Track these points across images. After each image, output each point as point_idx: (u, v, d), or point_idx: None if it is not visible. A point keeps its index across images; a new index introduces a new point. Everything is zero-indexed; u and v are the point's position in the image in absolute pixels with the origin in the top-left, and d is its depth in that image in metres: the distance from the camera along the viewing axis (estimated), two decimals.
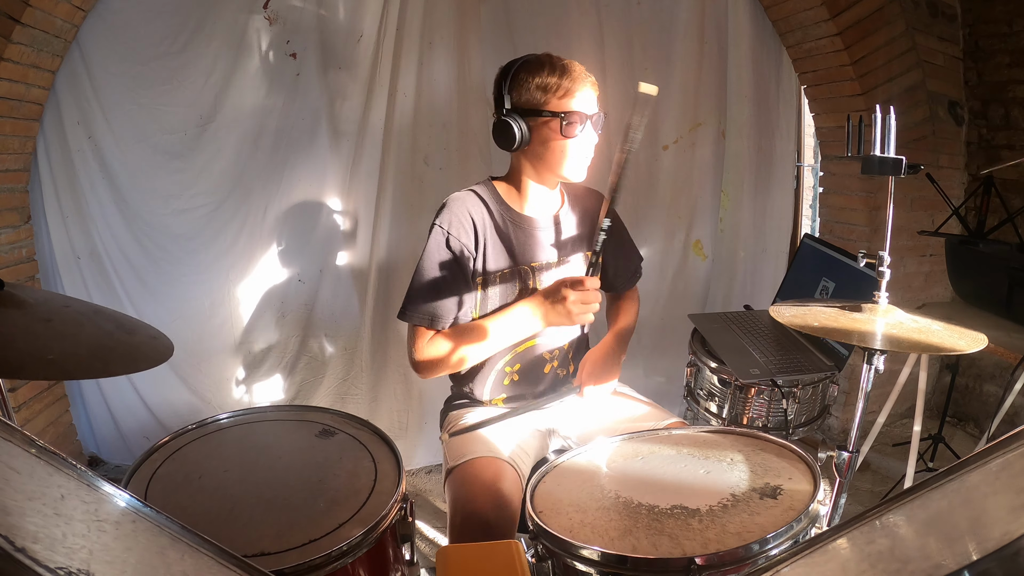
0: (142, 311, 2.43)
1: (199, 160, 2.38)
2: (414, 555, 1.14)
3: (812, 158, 3.20)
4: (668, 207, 2.85)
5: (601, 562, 0.92)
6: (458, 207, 1.48)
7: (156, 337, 1.10)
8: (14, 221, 2.21)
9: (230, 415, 1.35)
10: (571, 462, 1.23)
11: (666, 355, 2.85)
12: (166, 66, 2.26)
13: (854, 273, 1.88)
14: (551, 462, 1.23)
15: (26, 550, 0.35)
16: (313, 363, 2.65)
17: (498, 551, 0.91)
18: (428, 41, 2.44)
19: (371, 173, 2.50)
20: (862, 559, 0.61)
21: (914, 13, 2.54)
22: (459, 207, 1.48)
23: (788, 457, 1.16)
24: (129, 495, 0.57)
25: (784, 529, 0.92)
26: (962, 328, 1.27)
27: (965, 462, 0.63)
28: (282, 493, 1.10)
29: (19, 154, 2.17)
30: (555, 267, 1.57)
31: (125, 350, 1.02)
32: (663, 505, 1.02)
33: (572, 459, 1.24)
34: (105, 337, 1.02)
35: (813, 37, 2.57)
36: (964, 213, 2.37)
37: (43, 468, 0.50)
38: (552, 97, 1.40)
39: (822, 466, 1.14)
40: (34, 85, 2.10)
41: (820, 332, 1.22)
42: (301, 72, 2.40)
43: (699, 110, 2.78)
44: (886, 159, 1.23)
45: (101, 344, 0.99)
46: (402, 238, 2.54)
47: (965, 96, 2.72)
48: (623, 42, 2.64)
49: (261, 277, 2.54)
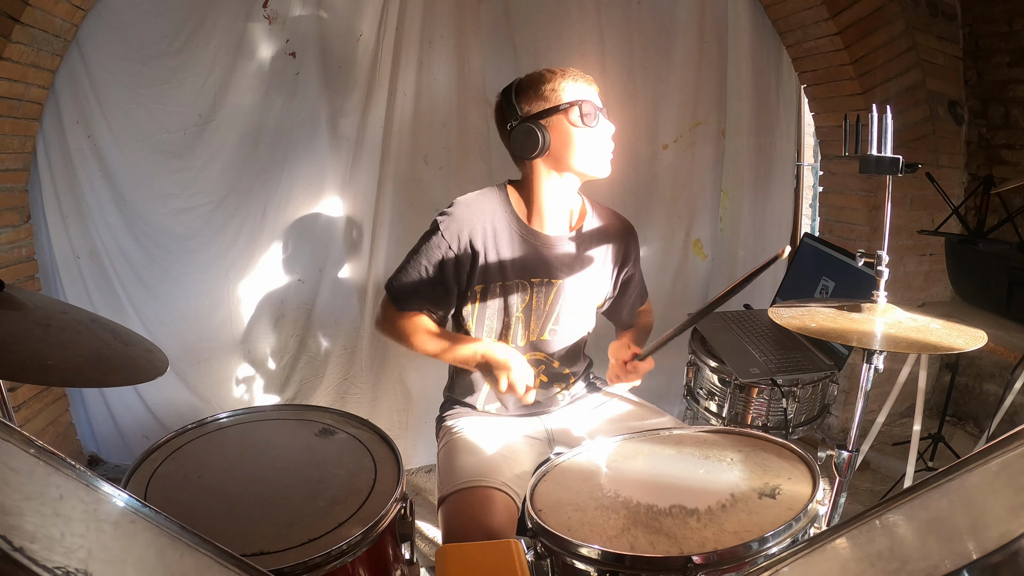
0: (141, 311, 2.43)
1: (199, 159, 2.37)
2: (414, 554, 1.14)
3: (812, 157, 3.20)
4: (668, 206, 2.84)
5: (600, 560, 0.92)
6: (463, 213, 1.48)
7: (151, 350, 1.10)
8: (14, 221, 2.21)
9: (230, 414, 1.35)
10: (571, 461, 1.23)
11: (666, 355, 2.84)
12: (165, 65, 2.26)
13: (854, 272, 1.88)
14: (551, 461, 1.23)
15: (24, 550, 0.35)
16: (313, 362, 2.65)
17: (498, 550, 0.91)
18: (428, 40, 2.43)
19: (371, 172, 2.49)
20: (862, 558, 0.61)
21: (914, 12, 2.54)
22: (465, 213, 1.48)
23: (787, 457, 1.16)
24: (128, 495, 0.57)
25: (782, 528, 0.92)
26: (961, 325, 1.27)
27: (965, 461, 0.63)
28: (282, 492, 1.10)
29: (19, 153, 2.17)
30: (560, 283, 1.53)
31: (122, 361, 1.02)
32: (662, 504, 1.02)
33: (572, 458, 1.24)
34: (103, 347, 1.02)
35: (813, 36, 2.57)
36: (964, 212, 2.37)
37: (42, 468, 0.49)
38: (563, 93, 1.42)
39: (822, 465, 1.14)
40: (34, 84, 2.10)
41: (818, 334, 1.22)
42: (300, 71, 2.40)
43: (699, 109, 2.78)
44: (883, 158, 1.23)
45: (99, 354, 1.00)
46: (402, 237, 2.54)
47: (965, 95, 2.72)
48: (623, 42, 2.63)
49: (261, 276, 2.54)
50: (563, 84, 1.42)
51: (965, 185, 2.79)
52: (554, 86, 1.42)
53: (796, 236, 3.03)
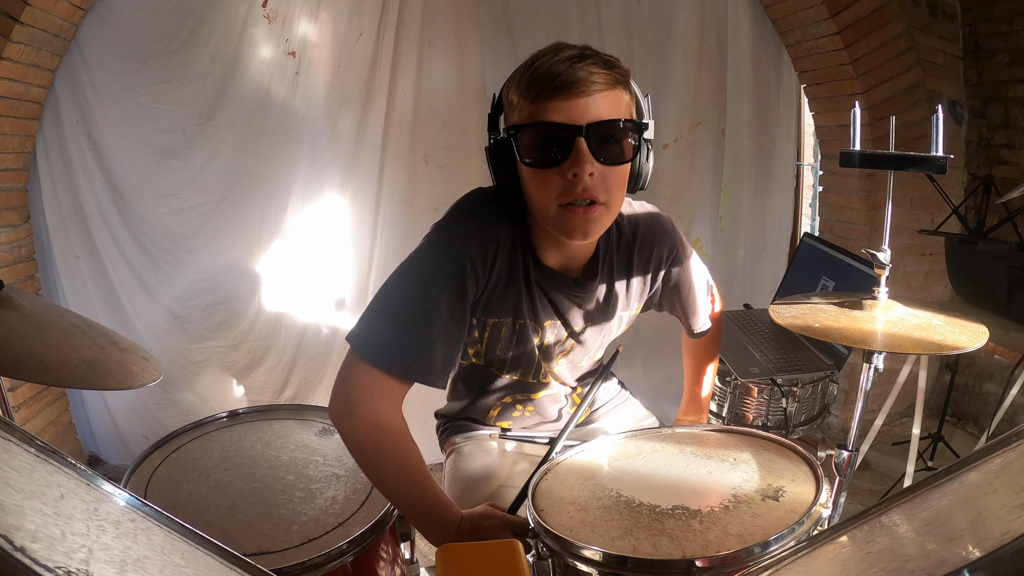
0: (141, 310, 2.43)
1: (198, 159, 2.37)
2: (414, 554, 1.14)
3: (812, 157, 3.20)
4: (668, 206, 2.82)
5: (602, 562, 0.92)
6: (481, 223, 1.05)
7: (146, 358, 1.10)
8: (13, 220, 2.21)
9: (230, 414, 1.35)
10: (573, 460, 1.23)
11: (666, 355, 2.85)
12: (165, 65, 2.26)
13: (854, 272, 1.88)
14: (552, 460, 1.23)
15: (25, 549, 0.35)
16: (313, 362, 2.65)
17: (498, 550, 0.91)
18: (427, 40, 2.43)
19: (370, 171, 2.49)
20: (862, 558, 0.60)
21: (914, 12, 2.54)
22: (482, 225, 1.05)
23: (791, 458, 1.16)
24: (129, 494, 0.57)
25: (786, 532, 0.92)
26: (963, 321, 1.27)
27: (965, 461, 0.63)
28: (282, 492, 1.10)
29: (18, 153, 2.17)
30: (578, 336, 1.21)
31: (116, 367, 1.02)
32: (664, 505, 1.02)
33: (574, 457, 1.24)
34: (98, 351, 1.02)
35: (813, 36, 2.57)
36: (964, 212, 2.37)
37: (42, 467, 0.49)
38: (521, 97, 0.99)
39: (822, 464, 1.14)
40: (33, 84, 2.10)
41: (821, 334, 1.22)
42: (300, 71, 2.39)
43: (699, 109, 2.78)
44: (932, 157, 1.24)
45: (95, 358, 1.00)
46: (401, 236, 2.54)
47: (965, 95, 2.72)
48: (623, 42, 2.63)
49: (260, 276, 2.54)
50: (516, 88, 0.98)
51: (965, 185, 2.79)
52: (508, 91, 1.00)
53: (796, 235, 3.03)
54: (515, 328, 1.13)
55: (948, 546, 0.51)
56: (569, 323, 1.17)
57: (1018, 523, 0.45)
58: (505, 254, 1.05)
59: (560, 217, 0.98)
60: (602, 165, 0.95)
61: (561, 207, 0.96)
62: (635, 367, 2.83)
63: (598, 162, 0.94)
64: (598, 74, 0.93)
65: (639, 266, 1.19)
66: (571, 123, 0.92)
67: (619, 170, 0.99)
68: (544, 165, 0.95)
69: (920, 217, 2.68)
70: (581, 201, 0.95)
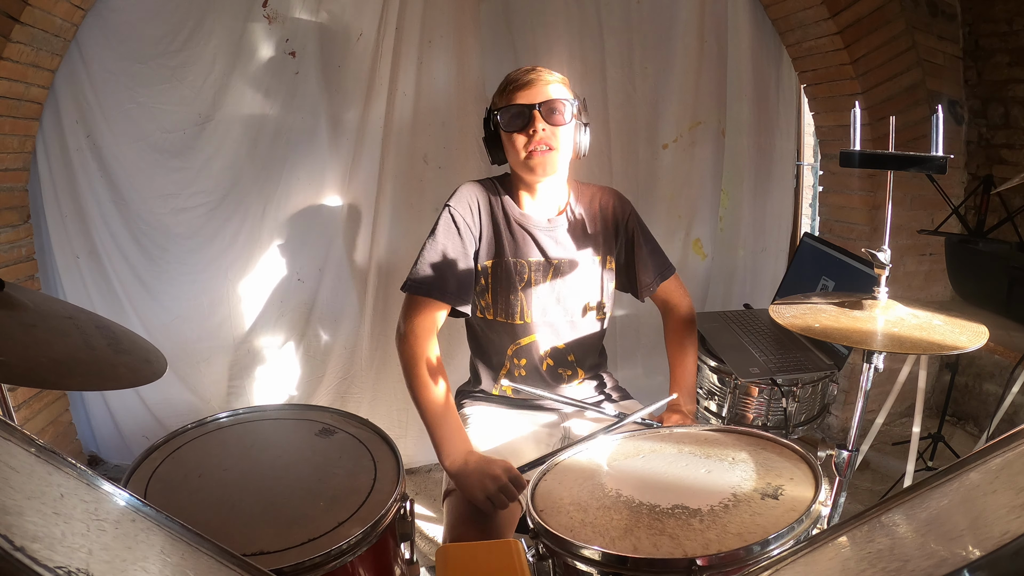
0: (141, 310, 2.43)
1: (198, 159, 2.37)
2: (414, 554, 1.14)
3: (812, 157, 3.20)
4: (668, 206, 2.84)
5: (602, 562, 0.92)
6: (467, 192, 1.58)
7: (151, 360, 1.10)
8: (13, 220, 2.21)
9: (230, 414, 1.35)
10: (572, 460, 1.23)
11: (666, 354, 2.85)
12: (165, 65, 2.26)
13: (854, 272, 1.88)
14: (552, 460, 1.23)
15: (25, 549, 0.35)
16: (313, 362, 2.65)
17: (498, 550, 0.91)
18: (428, 40, 2.43)
19: (370, 171, 2.49)
20: (862, 558, 0.60)
21: (914, 12, 2.54)
22: (467, 192, 1.58)
23: (790, 457, 1.16)
24: (129, 494, 0.57)
25: (786, 530, 0.92)
26: (963, 320, 1.27)
27: (965, 461, 0.63)
28: (282, 492, 1.10)
29: (18, 153, 2.17)
30: (555, 265, 1.58)
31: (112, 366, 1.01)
32: (664, 504, 1.02)
33: (573, 457, 1.24)
34: (100, 350, 1.02)
35: (813, 36, 2.57)
36: (964, 212, 2.37)
37: (43, 467, 0.49)
38: (499, 97, 1.52)
39: (821, 464, 1.14)
40: (33, 84, 2.10)
41: (821, 334, 1.22)
42: (300, 71, 2.39)
43: (699, 109, 2.78)
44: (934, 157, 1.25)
45: (97, 358, 0.99)
46: (401, 236, 2.54)
47: (965, 95, 2.72)
48: (623, 42, 2.63)
49: (260, 276, 2.54)
50: (504, 86, 1.51)
51: (965, 185, 2.79)
52: (498, 90, 1.53)
53: (796, 235, 3.03)
54: (504, 267, 1.55)
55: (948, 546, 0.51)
56: (544, 250, 1.57)
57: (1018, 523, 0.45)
58: (485, 209, 1.56)
59: (528, 161, 1.48)
60: (550, 125, 1.46)
61: (528, 155, 1.47)
62: (635, 367, 2.83)
63: (547, 123, 1.46)
64: (544, 75, 1.49)
65: (601, 214, 1.62)
66: (529, 103, 1.46)
67: (561, 130, 1.48)
68: (516, 130, 1.48)
69: (920, 217, 2.68)
70: (541, 147, 1.46)
